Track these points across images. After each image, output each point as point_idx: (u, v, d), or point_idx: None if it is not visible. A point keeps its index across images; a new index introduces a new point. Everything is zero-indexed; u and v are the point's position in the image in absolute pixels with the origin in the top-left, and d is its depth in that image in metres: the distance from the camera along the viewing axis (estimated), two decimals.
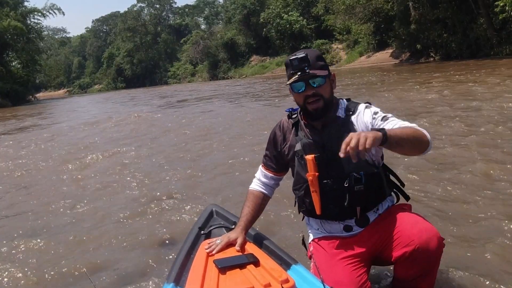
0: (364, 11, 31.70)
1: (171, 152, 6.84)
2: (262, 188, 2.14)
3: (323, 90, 1.86)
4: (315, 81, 1.84)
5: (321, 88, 1.85)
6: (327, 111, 1.89)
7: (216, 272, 1.74)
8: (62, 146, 8.57)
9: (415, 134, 1.70)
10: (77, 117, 17.28)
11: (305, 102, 1.87)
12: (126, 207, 4.14)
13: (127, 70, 73.37)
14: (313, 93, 1.85)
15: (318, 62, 1.86)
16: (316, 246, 2.00)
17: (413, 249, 1.73)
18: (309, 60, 1.82)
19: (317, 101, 1.85)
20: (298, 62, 1.83)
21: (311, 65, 1.82)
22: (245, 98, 16.42)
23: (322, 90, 1.86)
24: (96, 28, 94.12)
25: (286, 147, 2.02)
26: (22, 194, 5.21)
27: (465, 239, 2.67)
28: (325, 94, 1.87)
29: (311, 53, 1.86)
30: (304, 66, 1.82)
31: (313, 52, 1.88)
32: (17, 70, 46.26)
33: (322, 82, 1.85)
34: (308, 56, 1.83)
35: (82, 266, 2.88)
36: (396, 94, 10.99)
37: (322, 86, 1.86)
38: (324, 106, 1.87)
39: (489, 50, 22.60)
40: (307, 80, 1.84)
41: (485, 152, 4.51)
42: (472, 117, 6.53)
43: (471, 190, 3.50)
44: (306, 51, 1.87)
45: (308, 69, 1.82)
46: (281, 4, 46.02)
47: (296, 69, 1.83)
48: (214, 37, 59.00)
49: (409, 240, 1.74)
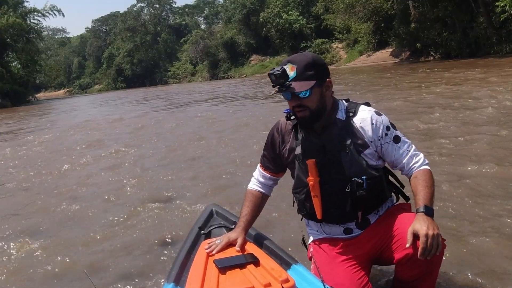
0: (364, 10, 31.71)
1: (170, 152, 6.84)
2: (261, 187, 2.12)
3: (308, 101, 1.81)
4: (300, 93, 1.79)
5: (306, 100, 1.80)
6: (316, 119, 1.85)
7: (216, 272, 1.74)
8: (62, 146, 8.57)
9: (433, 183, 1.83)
10: (77, 118, 17.27)
11: (293, 110, 1.86)
12: (126, 207, 4.14)
13: (127, 70, 73.33)
14: (298, 104, 1.82)
15: (306, 72, 1.77)
16: (316, 247, 1.99)
17: (414, 250, 1.71)
18: (287, 76, 1.77)
19: (303, 111, 1.83)
20: (275, 78, 1.78)
21: (296, 77, 1.77)
22: (245, 98, 16.41)
23: (307, 101, 1.80)
24: (96, 28, 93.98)
25: (285, 150, 1.99)
26: (21, 194, 5.20)
27: (466, 239, 2.66)
28: (311, 105, 1.81)
29: (300, 61, 1.78)
30: (282, 82, 1.77)
31: (302, 60, 1.78)
32: (17, 70, 46.24)
33: (306, 94, 1.79)
34: (291, 68, 1.77)
35: (82, 266, 2.88)
36: (396, 93, 10.99)
37: (308, 98, 1.80)
38: (311, 115, 1.83)
39: (489, 48, 22.59)
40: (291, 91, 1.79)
41: (485, 152, 4.51)
42: (472, 116, 6.52)
43: (472, 190, 3.49)
44: (294, 59, 1.81)
45: (289, 82, 1.77)
46: (281, 3, 45.97)
47: (275, 84, 1.80)
48: (214, 36, 58.94)
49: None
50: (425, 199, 1.74)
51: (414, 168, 1.86)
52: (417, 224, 1.65)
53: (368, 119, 1.87)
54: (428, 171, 1.85)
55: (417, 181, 1.81)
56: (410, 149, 1.88)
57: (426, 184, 1.79)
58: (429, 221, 1.65)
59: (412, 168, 1.87)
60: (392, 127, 1.90)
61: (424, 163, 1.88)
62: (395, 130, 1.90)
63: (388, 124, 1.89)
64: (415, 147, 1.92)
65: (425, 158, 1.90)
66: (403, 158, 1.87)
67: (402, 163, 1.88)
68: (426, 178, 1.81)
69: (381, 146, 1.87)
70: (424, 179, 1.81)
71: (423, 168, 1.86)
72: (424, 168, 1.86)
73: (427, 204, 1.72)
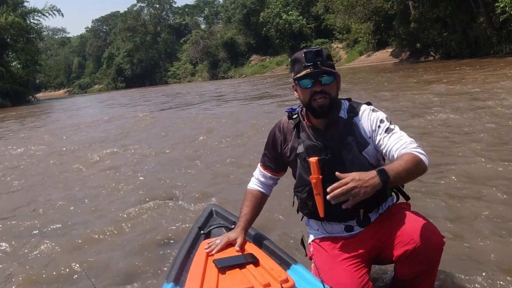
0: (364, 10, 31.70)
1: (170, 152, 6.83)
2: (261, 187, 2.13)
3: (330, 88, 1.85)
4: (324, 79, 1.82)
5: (329, 86, 1.84)
6: (331, 109, 1.87)
7: (215, 272, 1.74)
8: (62, 147, 8.56)
9: (414, 165, 1.68)
10: (77, 118, 17.27)
11: (311, 98, 1.85)
12: (125, 207, 4.13)
13: (127, 70, 73.31)
14: (321, 90, 1.83)
15: (328, 61, 1.84)
16: (316, 247, 1.99)
17: (413, 247, 1.73)
18: (323, 55, 1.81)
19: (324, 98, 1.83)
20: (312, 56, 1.79)
21: (323, 61, 1.81)
22: (244, 98, 16.41)
23: (330, 88, 1.84)
24: (96, 28, 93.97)
25: (287, 149, 2.00)
26: (21, 194, 5.20)
27: (465, 237, 2.66)
28: (332, 92, 1.86)
29: (323, 50, 1.84)
30: (318, 60, 1.80)
31: (325, 51, 1.86)
32: (17, 70, 46.24)
33: (331, 80, 1.84)
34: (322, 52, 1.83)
35: (82, 266, 2.88)
36: (396, 93, 10.98)
37: (330, 85, 1.84)
38: (330, 104, 1.85)
39: (489, 49, 22.58)
40: (317, 76, 1.81)
41: (485, 151, 4.51)
42: (472, 116, 6.52)
43: (472, 189, 3.49)
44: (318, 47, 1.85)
45: (321, 64, 1.80)
46: (281, 3, 45.98)
47: (310, 63, 1.80)
48: (214, 36, 58.98)
49: (410, 239, 1.74)
50: (390, 167, 1.65)
51: (403, 151, 1.75)
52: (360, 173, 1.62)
53: (366, 116, 1.90)
54: (414, 155, 1.70)
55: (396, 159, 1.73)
56: (402, 138, 1.81)
57: (403, 162, 1.67)
58: (372, 176, 1.59)
59: (401, 151, 1.76)
60: (387, 120, 1.89)
61: (415, 148, 1.74)
62: (389, 123, 1.88)
63: (383, 117, 1.89)
64: (412, 139, 1.81)
65: (419, 147, 1.77)
66: (394, 146, 1.79)
67: (392, 152, 1.79)
68: (406, 158, 1.68)
69: (375, 139, 1.87)
70: (403, 159, 1.68)
71: (411, 151, 1.73)
72: (412, 151, 1.73)
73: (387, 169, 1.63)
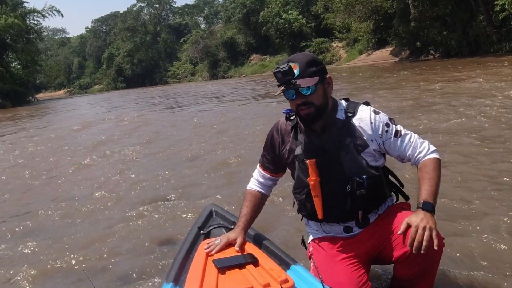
0: (364, 9, 31.66)
1: (170, 152, 6.84)
2: (260, 188, 2.12)
3: (313, 97, 1.82)
4: (304, 91, 1.80)
5: (311, 96, 1.81)
6: (320, 116, 1.86)
7: (215, 272, 1.74)
8: (61, 147, 8.56)
9: (438, 172, 1.83)
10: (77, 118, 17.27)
11: (297, 108, 1.86)
12: (125, 207, 4.14)
13: (127, 70, 73.26)
14: (303, 102, 1.82)
15: (309, 69, 1.79)
16: (315, 246, 1.99)
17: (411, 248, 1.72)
18: (293, 72, 1.78)
19: (308, 108, 1.82)
20: (281, 76, 1.79)
21: (300, 74, 1.78)
22: (244, 98, 16.40)
23: (313, 97, 1.82)
24: (95, 28, 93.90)
25: (285, 150, 2.00)
26: (21, 194, 5.21)
27: (465, 238, 2.66)
28: (316, 101, 1.82)
29: (301, 60, 1.80)
30: (288, 79, 1.78)
31: (303, 58, 1.81)
32: (17, 70, 46.23)
33: (312, 90, 1.80)
34: (293, 67, 1.78)
35: (82, 266, 2.89)
36: (396, 92, 10.98)
37: (312, 95, 1.81)
38: (316, 112, 1.84)
39: (489, 47, 22.56)
40: (296, 89, 1.80)
41: (485, 150, 4.51)
42: (473, 115, 6.51)
43: (472, 189, 3.49)
44: (294, 58, 1.82)
45: (294, 80, 1.78)
46: (280, 3, 45.94)
47: (281, 82, 1.81)
48: (214, 36, 58.92)
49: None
50: (426, 194, 1.76)
51: (420, 158, 1.87)
52: (413, 217, 1.71)
53: (367, 118, 1.88)
54: (434, 160, 1.85)
55: (421, 174, 1.83)
56: (412, 140, 1.89)
57: (430, 176, 1.80)
58: (426, 215, 1.69)
59: (418, 158, 1.87)
60: (392, 122, 1.91)
61: (429, 152, 1.87)
62: (395, 125, 1.91)
63: (387, 120, 1.90)
64: (418, 136, 1.93)
65: (430, 145, 1.90)
66: (408, 151, 1.89)
67: (407, 156, 1.89)
68: (430, 170, 1.82)
69: (383, 143, 1.89)
70: (428, 171, 1.81)
71: (428, 157, 1.86)
72: (430, 157, 1.86)
73: (427, 199, 1.74)
